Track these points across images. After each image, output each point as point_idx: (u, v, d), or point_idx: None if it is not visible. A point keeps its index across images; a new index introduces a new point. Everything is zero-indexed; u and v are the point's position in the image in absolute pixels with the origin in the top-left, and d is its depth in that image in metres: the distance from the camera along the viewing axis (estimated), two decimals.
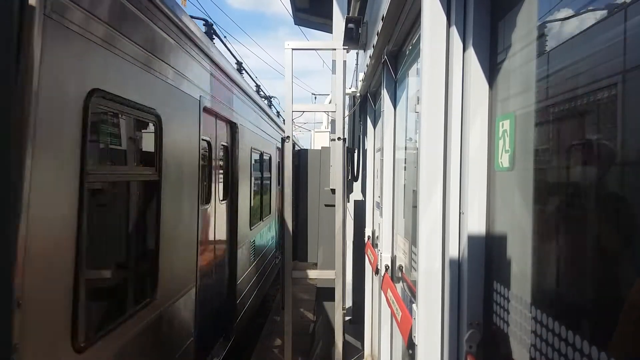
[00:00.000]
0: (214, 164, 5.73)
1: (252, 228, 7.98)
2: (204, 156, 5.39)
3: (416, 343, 2.13)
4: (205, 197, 5.46)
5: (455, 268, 1.89)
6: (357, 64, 8.36)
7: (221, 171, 6.29)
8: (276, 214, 11.78)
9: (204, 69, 5.04)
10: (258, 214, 8.86)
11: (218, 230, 6.03)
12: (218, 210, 6.00)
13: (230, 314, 6.52)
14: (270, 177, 10.73)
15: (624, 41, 1.07)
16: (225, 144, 6.41)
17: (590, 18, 1.21)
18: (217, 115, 5.78)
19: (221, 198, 6.19)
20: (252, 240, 8.00)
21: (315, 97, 26.06)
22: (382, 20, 3.33)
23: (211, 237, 5.76)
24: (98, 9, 2.71)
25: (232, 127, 6.61)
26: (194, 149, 4.63)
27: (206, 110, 5.10)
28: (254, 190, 8.33)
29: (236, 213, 6.63)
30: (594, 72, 1.21)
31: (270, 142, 10.32)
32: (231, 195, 6.56)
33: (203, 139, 5.07)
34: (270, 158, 10.44)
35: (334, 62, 5.57)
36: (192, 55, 4.54)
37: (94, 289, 2.82)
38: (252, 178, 8.09)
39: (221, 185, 6.29)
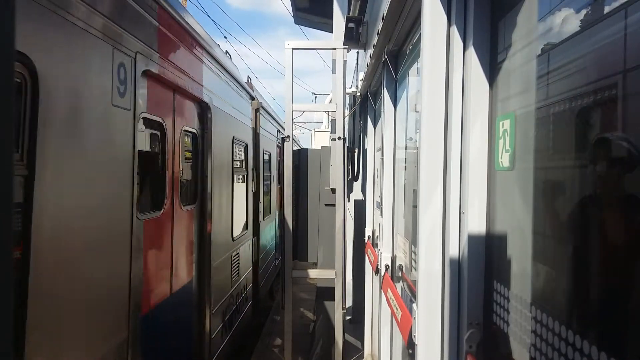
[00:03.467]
0: (170, 155, 4.16)
1: (236, 237, 6.45)
2: (151, 143, 3.90)
3: (416, 342, 2.13)
4: (150, 202, 3.92)
5: (456, 268, 1.89)
6: (357, 64, 8.36)
7: (186, 166, 4.65)
8: (277, 216, 11.12)
9: (146, 13, 3.49)
10: (247, 219, 7.49)
11: (177, 244, 4.38)
12: (178, 218, 4.37)
13: (198, 355, 5.02)
14: (271, 175, 10.00)
15: (624, 41, 1.07)
16: (192, 129, 4.75)
17: (590, 17, 1.20)
18: (176, 89, 4.24)
19: (185, 202, 4.59)
20: (236, 254, 6.49)
21: (316, 97, 26.07)
22: (383, 19, 3.33)
23: (163, 255, 4.13)
24: None
25: (203, 109, 5.01)
26: (123, 131, 3.14)
27: (153, 77, 3.70)
28: (240, 192, 6.91)
29: (210, 221, 5.09)
30: (594, 71, 1.21)
31: (266, 138, 9.19)
32: (202, 198, 5.02)
33: (147, 118, 3.65)
34: (270, 156, 9.75)
35: (334, 61, 5.57)
36: None
37: None
38: (238, 177, 6.70)
39: (185, 186, 4.68)
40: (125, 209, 3.18)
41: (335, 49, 5.47)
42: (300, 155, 6.16)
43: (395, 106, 4.11)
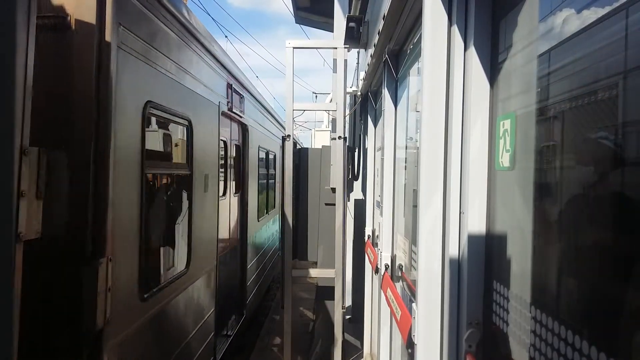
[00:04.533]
0: None
1: None
2: None
3: (415, 342, 2.13)
4: None
5: (455, 267, 1.89)
6: (358, 63, 8.36)
7: None
8: (214, 276, 5.26)
9: None
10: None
11: None
12: None
13: None
14: (201, 175, 4.70)
15: (625, 41, 1.07)
16: None
17: (591, 17, 1.20)
18: None
19: None
20: None
21: (316, 96, 26.11)
22: (383, 19, 3.33)
23: None
24: None
25: None
26: None
27: None
28: None
29: None
30: (594, 71, 1.20)
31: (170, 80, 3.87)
32: None
33: None
34: (187, 126, 4.32)
35: (334, 61, 5.56)
36: None
37: None
38: None
39: None
40: None
41: (336, 48, 5.47)
42: (301, 155, 6.16)
43: (395, 106, 4.11)
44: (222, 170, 5.55)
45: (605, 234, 1.17)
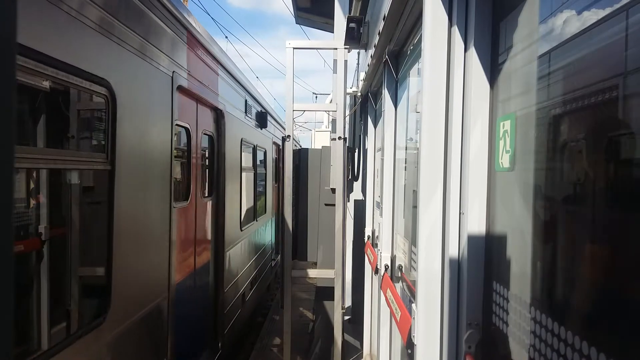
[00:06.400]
0: None
1: None
2: None
3: (415, 343, 2.13)
4: None
5: (455, 268, 1.89)
6: (358, 64, 8.36)
7: None
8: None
9: None
10: None
11: None
12: None
13: None
14: None
15: (625, 42, 1.07)
16: None
17: (591, 19, 1.20)
18: None
19: None
20: None
21: (316, 97, 26.13)
22: (384, 20, 3.33)
23: None
24: None
25: None
26: None
27: None
28: None
29: None
30: (595, 73, 1.21)
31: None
32: None
33: None
34: None
35: (335, 61, 5.57)
36: None
37: None
38: None
39: None
40: None
41: (336, 48, 5.47)
42: (301, 155, 6.16)
43: (395, 106, 4.11)
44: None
45: (605, 235, 1.17)
